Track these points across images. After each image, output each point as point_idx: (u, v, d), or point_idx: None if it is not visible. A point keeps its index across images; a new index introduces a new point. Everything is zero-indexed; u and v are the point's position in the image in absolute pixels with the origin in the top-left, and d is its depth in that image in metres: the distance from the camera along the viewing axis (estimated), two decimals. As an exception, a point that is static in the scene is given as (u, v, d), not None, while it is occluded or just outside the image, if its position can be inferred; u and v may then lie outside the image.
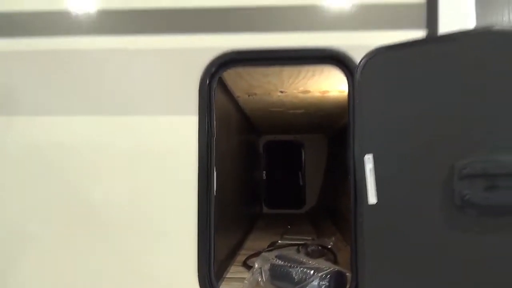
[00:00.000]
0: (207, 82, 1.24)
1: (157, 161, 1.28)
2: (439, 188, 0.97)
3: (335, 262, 1.82)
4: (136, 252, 1.32)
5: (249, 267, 1.83)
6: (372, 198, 1.11)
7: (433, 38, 1.12)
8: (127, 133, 1.27)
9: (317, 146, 3.98)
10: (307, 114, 2.78)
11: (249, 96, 2.08)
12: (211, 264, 1.30)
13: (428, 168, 1.00)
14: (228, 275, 1.79)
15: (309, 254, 1.96)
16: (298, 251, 2.06)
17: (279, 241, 2.40)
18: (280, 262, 1.51)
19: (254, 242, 2.50)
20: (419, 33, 1.17)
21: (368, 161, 1.11)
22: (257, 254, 2.06)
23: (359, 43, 1.18)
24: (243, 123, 2.79)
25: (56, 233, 1.34)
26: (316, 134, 3.98)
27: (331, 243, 2.06)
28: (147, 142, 1.28)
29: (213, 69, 1.24)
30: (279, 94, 2.04)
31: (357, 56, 1.17)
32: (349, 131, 1.22)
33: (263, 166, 4.17)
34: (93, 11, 1.29)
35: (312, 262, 1.53)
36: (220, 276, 1.59)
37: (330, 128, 3.35)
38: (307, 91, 1.98)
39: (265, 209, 4.08)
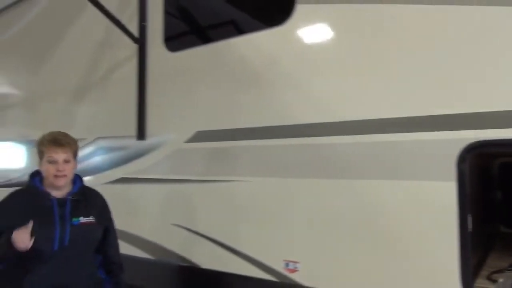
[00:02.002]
0: (462, 160, 1.99)
1: (427, 210, 2.10)
2: None
3: None
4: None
5: (493, 281, 2.41)
6: None
7: None
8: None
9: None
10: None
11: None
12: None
13: None
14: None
15: (549, 277, 2.39)
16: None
17: (519, 262, 2.81)
18: (521, 280, 2.07)
19: (494, 262, 2.97)
20: None
21: None
22: (499, 271, 2.59)
23: None
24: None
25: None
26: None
27: None
28: (423, 196, 2.13)
29: (466, 152, 1.98)
30: None
31: None
32: None
33: (498, 187, 4.38)
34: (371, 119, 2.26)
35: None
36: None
37: None
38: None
39: (503, 229, 4.29)
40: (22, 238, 1.90)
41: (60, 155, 2.08)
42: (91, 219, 2.17)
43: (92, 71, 3.82)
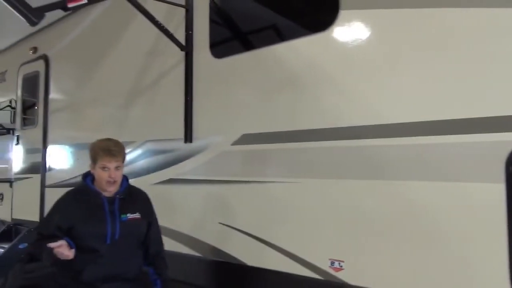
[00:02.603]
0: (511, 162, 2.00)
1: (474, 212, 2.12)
2: None
3: None
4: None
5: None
6: None
7: None
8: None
9: None
10: None
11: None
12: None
13: None
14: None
15: None
16: None
17: None
18: None
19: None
20: None
21: None
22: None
23: None
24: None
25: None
26: None
27: None
28: (471, 198, 2.14)
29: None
30: None
31: None
32: None
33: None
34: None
35: None
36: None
37: None
38: None
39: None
40: (63, 252, 2.16)
41: (112, 164, 2.35)
42: (137, 215, 2.45)
43: (141, 77, 4.04)
